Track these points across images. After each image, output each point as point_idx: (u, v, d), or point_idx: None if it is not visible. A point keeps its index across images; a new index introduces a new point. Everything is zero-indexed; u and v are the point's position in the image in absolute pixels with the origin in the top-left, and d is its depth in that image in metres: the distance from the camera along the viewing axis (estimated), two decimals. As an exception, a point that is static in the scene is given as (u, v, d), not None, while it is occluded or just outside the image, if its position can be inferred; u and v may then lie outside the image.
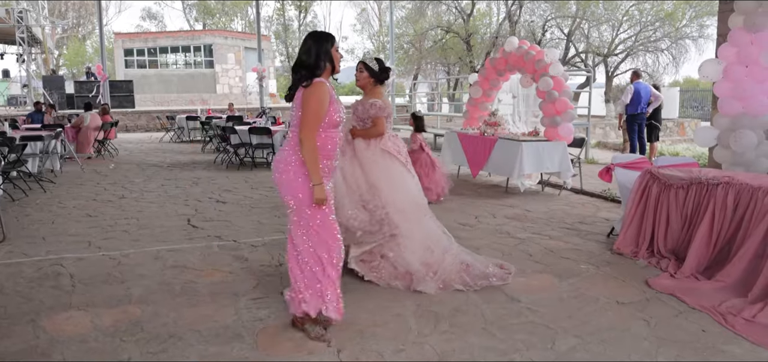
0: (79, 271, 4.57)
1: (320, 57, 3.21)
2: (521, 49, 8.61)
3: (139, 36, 31.81)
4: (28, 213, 6.79)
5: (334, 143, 3.27)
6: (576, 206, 7.08)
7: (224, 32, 32.60)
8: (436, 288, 4.00)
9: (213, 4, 43.49)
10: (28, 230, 5.96)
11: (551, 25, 26.59)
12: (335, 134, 3.28)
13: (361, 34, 41.79)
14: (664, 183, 4.72)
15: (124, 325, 3.50)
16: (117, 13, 61.50)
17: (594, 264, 4.64)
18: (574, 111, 8.01)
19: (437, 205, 7.05)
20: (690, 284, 4.11)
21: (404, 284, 4.08)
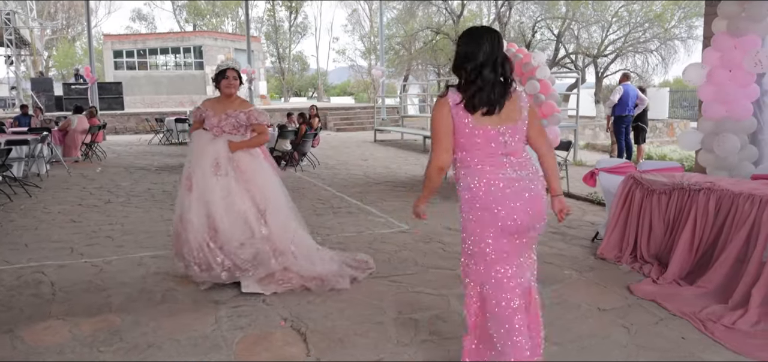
0: (60, 279, 4.53)
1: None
2: (508, 51, 8.62)
3: (128, 37, 31.64)
4: (12, 218, 6.72)
5: None
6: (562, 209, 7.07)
7: (214, 33, 32.48)
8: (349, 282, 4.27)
9: (203, 6, 43.34)
10: (10, 236, 5.90)
11: (541, 26, 26.71)
12: None
13: (352, 35, 41.73)
14: (647, 188, 4.74)
15: (103, 334, 3.48)
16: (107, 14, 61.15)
17: (577, 270, 4.65)
18: (561, 114, 8.01)
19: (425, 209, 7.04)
20: (672, 290, 4.13)
21: (317, 285, 4.18)
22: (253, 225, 4.15)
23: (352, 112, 24.29)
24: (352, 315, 3.74)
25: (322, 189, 8.74)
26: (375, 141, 17.49)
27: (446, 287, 4.24)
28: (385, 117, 21.90)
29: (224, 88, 4.32)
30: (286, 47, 46.23)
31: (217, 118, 4.31)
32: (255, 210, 4.20)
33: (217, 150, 4.26)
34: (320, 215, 6.83)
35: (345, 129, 22.23)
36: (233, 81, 4.33)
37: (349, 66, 48.50)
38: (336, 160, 12.54)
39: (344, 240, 5.66)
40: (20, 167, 9.37)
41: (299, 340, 3.38)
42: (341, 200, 7.79)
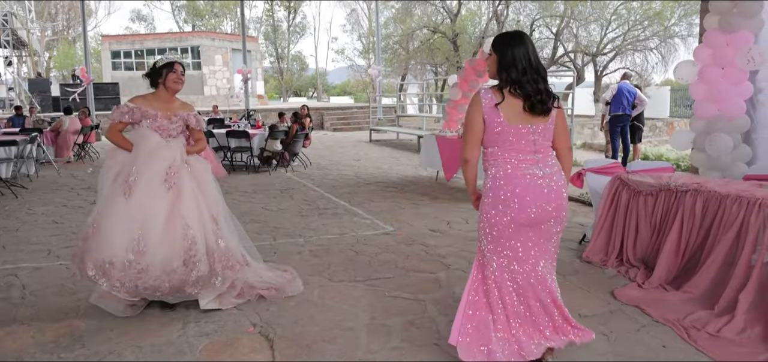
0: (33, 282, 4.43)
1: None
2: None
3: (126, 38, 31.57)
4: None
5: None
6: (553, 210, 6.96)
7: (211, 34, 32.37)
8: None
9: (202, 6, 43.27)
10: (-11, 239, 5.81)
11: (539, 24, 26.55)
12: None
13: (350, 35, 41.61)
14: (634, 189, 4.61)
15: (66, 340, 3.37)
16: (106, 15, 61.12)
17: (561, 274, 4.51)
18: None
19: (412, 210, 6.95)
20: (657, 295, 4.00)
21: (270, 295, 4.00)
22: (210, 241, 3.75)
23: (349, 111, 24.19)
24: (324, 320, 3.62)
25: (310, 189, 8.63)
26: (370, 141, 17.39)
27: (424, 292, 4.12)
28: (381, 116, 21.79)
29: (172, 84, 3.84)
30: (284, 47, 46.13)
31: (168, 120, 3.83)
32: (213, 225, 3.83)
33: (173, 156, 3.76)
34: (305, 216, 6.72)
35: (342, 129, 22.14)
36: (182, 76, 3.92)
37: (348, 66, 48.42)
38: (328, 160, 12.43)
39: (326, 242, 5.55)
40: (9, 168, 9.29)
41: (266, 347, 3.27)
42: (328, 201, 7.68)
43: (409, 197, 7.92)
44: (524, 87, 2.66)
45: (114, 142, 3.85)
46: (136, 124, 3.81)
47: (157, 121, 3.79)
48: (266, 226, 6.26)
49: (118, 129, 3.83)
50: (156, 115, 3.80)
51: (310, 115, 12.64)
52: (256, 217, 6.71)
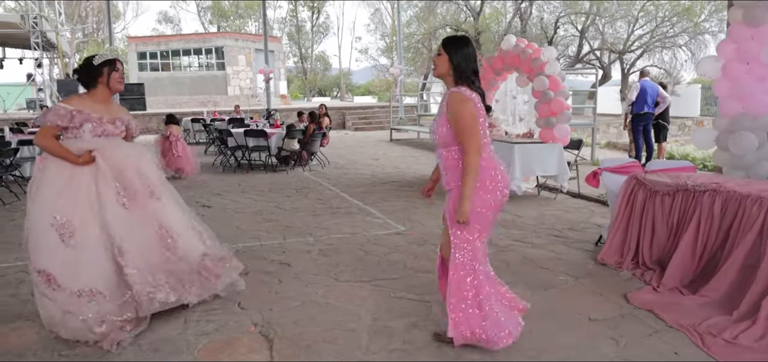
0: (42, 280, 4.46)
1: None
2: (518, 47, 8.35)
3: (152, 39, 32.07)
4: (14, 218, 6.74)
5: None
6: (570, 211, 6.81)
7: (235, 34, 32.68)
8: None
9: (227, 7, 43.73)
10: (6, 236, 5.90)
11: (564, 21, 26.14)
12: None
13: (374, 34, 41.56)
14: (650, 189, 4.45)
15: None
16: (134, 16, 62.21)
17: (573, 276, 4.39)
18: (570, 112, 7.72)
19: (425, 210, 6.86)
20: (672, 299, 3.85)
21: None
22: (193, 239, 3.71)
23: (370, 111, 24.15)
24: (325, 321, 3.57)
25: (326, 188, 8.59)
26: (391, 140, 17.32)
27: (430, 293, 4.03)
28: (403, 116, 21.70)
29: (116, 84, 3.50)
30: (308, 47, 46.35)
31: (112, 124, 3.52)
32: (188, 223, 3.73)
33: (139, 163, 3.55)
34: (317, 215, 6.68)
35: (363, 128, 22.11)
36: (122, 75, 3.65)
37: (372, 65, 48.47)
38: (347, 159, 12.40)
39: (336, 241, 5.50)
40: (32, 167, 9.45)
41: (265, 347, 3.23)
42: (343, 200, 7.63)
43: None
44: (477, 83, 2.97)
45: (47, 148, 3.35)
46: (76, 129, 3.40)
47: (101, 126, 3.45)
48: (278, 225, 6.24)
49: (53, 133, 3.37)
50: (100, 118, 3.46)
51: (328, 114, 12.63)
52: (269, 216, 6.70)
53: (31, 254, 3.30)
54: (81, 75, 3.55)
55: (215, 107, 23.18)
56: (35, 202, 3.35)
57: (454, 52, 2.94)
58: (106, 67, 3.48)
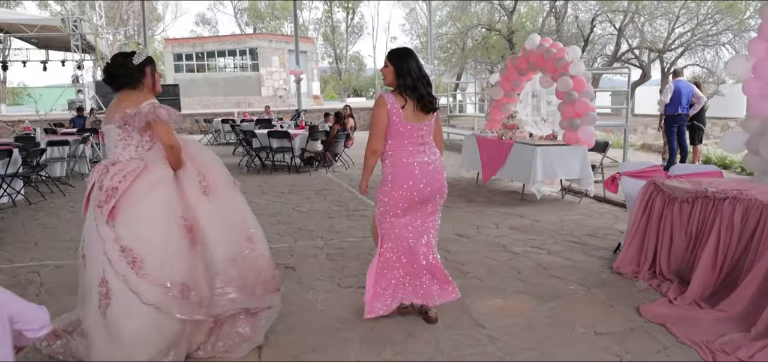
0: (51, 279, 4.55)
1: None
2: (542, 46, 8.12)
3: (187, 41, 32.74)
4: (37, 217, 6.90)
5: None
6: (593, 216, 6.56)
7: (269, 35, 33.07)
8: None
9: (263, 8, 44.29)
10: (27, 235, 6.03)
11: (601, 19, 25.47)
12: None
13: (409, 34, 41.42)
14: (669, 195, 4.22)
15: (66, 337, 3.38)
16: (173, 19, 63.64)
17: (585, 285, 4.20)
18: (595, 114, 7.45)
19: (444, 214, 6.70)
20: (688, 313, 3.63)
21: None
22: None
23: (402, 111, 24.01)
24: (321, 329, 3.49)
25: (346, 190, 8.54)
26: (420, 141, 17.14)
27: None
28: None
29: (158, 84, 3.27)
30: (343, 48, 46.54)
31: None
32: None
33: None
34: (332, 218, 6.62)
35: (394, 129, 22.00)
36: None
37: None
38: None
39: (346, 245, 5.42)
40: (63, 167, 9.70)
41: (254, 355, 3.16)
42: (360, 202, 7.56)
43: (443, 199, 7.68)
44: (418, 90, 3.31)
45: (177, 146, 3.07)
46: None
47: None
48: (291, 228, 6.20)
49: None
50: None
51: (353, 115, 12.58)
52: (284, 218, 6.67)
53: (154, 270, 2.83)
54: (123, 74, 3.11)
55: (248, 108, 23.48)
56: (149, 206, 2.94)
57: (397, 64, 3.33)
58: (148, 66, 3.19)
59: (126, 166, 2.98)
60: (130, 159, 3.02)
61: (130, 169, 2.96)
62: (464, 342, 3.27)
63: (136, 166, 2.98)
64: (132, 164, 2.99)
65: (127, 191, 2.90)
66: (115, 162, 3.02)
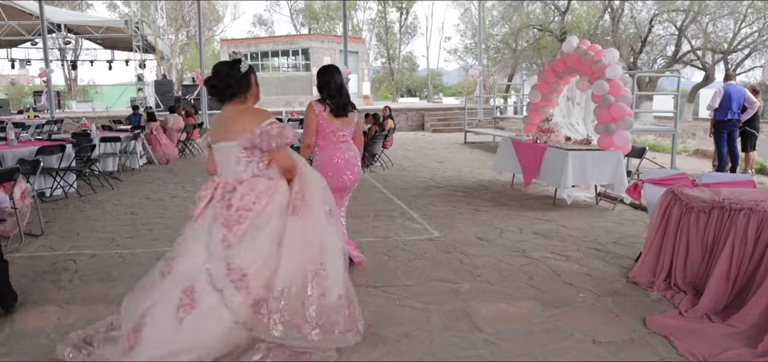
0: (85, 267, 4.84)
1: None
2: (579, 49, 7.96)
3: (243, 41, 33.68)
4: (84, 209, 7.33)
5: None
6: (624, 223, 6.40)
7: (321, 36, 33.58)
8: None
9: (318, 9, 45.01)
10: (70, 225, 6.41)
11: (662, 19, 24.52)
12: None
13: (464, 35, 41.10)
14: (686, 205, 4.10)
15: (81, 324, 3.61)
16: (232, 19, 65.55)
17: (596, 294, 4.13)
18: (632, 118, 7.24)
19: (469, 216, 6.70)
20: (697, 326, 3.52)
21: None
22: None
23: (450, 112, 23.92)
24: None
25: (377, 191, 8.63)
26: (465, 143, 17.07)
27: (437, 302, 3.95)
28: (481, 118, 21.33)
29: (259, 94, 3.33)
30: (396, 48, 46.68)
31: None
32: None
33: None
34: (358, 218, 6.72)
35: (441, 130, 21.95)
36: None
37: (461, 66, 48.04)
38: (411, 161, 12.37)
39: (365, 245, 5.50)
40: (115, 162, 10.23)
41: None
42: (389, 203, 7.63)
43: (473, 202, 7.66)
44: (334, 99, 4.18)
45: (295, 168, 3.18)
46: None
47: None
48: (316, 226, 6.34)
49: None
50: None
51: (392, 116, 12.65)
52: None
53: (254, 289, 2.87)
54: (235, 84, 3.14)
55: (299, 107, 23.94)
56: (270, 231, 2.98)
57: (321, 78, 4.23)
58: (253, 74, 3.21)
59: (255, 186, 3.00)
60: (254, 176, 3.05)
61: (261, 190, 2.99)
62: (458, 345, 3.30)
63: (266, 187, 3.01)
64: (260, 184, 3.01)
65: (258, 213, 2.94)
66: (240, 180, 3.04)
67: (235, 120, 3.05)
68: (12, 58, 25.30)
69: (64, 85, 34.09)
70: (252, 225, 2.92)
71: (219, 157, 3.15)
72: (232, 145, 3.03)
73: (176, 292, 2.86)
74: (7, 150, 7.42)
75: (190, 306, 2.82)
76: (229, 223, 2.90)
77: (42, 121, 15.01)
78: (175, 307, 2.83)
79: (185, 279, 2.88)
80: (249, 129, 2.99)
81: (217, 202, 3.02)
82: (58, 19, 22.94)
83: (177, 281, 2.91)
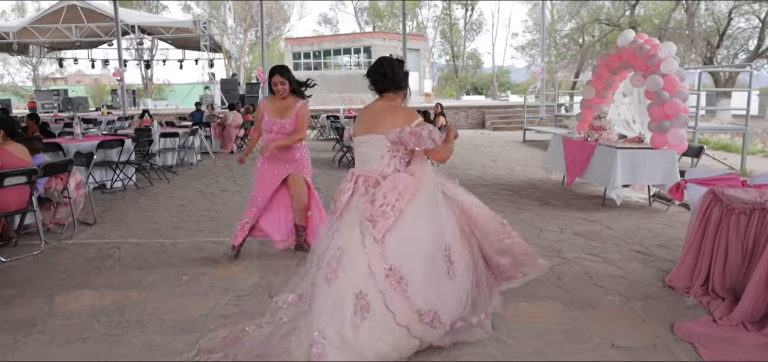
0: (128, 255, 5.09)
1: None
2: (635, 43, 7.62)
3: (306, 40, 34.37)
4: (138, 200, 7.71)
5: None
6: (674, 226, 6.06)
7: (382, 34, 33.75)
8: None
9: (382, 6, 45.24)
10: (123, 215, 6.76)
11: (743, 11, 22.99)
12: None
13: (531, 31, 40.15)
14: (727, 206, 3.84)
15: (113, 307, 3.83)
16: (299, 19, 66.96)
17: (626, 297, 3.94)
18: (687, 115, 6.85)
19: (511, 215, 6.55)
20: (728, 334, 3.29)
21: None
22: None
23: (511, 110, 23.45)
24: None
25: (422, 188, 8.57)
26: (524, 141, 16.69)
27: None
28: (543, 115, 20.78)
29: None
30: (460, 45, 46.24)
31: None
32: None
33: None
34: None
35: (501, 128, 21.55)
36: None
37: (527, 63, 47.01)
38: (464, 159, 12.23)
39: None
40: (174, 156, 10.71)
41: (265, 336, 3.36)
42: (431, 200, 7.57)
43: (518, 201, 7.49)
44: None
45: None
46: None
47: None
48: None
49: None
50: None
51: (444, 113, 12.54)
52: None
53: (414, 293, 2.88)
54: (399, 78, 3.25)
55: (360, 104, 24.17)
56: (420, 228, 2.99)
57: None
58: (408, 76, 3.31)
59: (398, 181, 2.99)
60: (396, 171, 3.06)
61: (405, 186, 2.97)
62: (467, 341, 3.23)
63: (411, 183, 3.00)
64: (404, 180, 3.00)
65: (403, 210, 2.93)
66: (384, 174, 3.05)
67: (385, 115, 3.11)
68: (92, 58, 26.96)
69: (140, 83, 35.98)
70: (398, 225, 2.91)
71: (364, 150, 3.18)
72: (379, 138, 3.06)
73: (349, 297, 2.84)
74: (72, 144, 7.90)
75: (365, 310, 2.82)
76: (372, 219, 2.92)
77: (113, 118, 15.90)
78: (351, 313, 2.81)
79: (355, 282, 2.87)
80: (399, 125, 3.02)
81: (359, 196, 3.05)
82: (132, 21, 24.28)
83: (345, 286, 2.87)
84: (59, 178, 5.80)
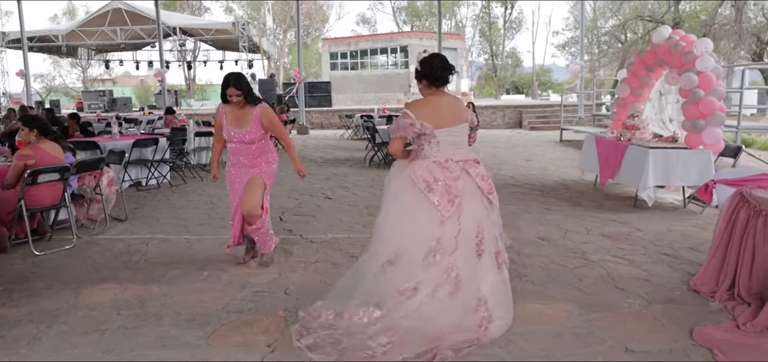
0: (154, 250, 5.23)
1: None
2: (671, 39, 7.38)
3: (343, 40, 34.57)
4: (170, 197, 7.91)
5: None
6: (708, 229, 5.82)
7: (419, 33, 33.68)
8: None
9: (420, 6, 45.13)
10: (154, 212, 6.94)
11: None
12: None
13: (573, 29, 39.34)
14: (754, 208, 3.68)
15: (134, 300, 3.94)
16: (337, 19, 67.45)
17: (647, 301, 3.82)
18: (724, 115, 6.59)
19: (538, 215, 6.45)
20: (751, 340, 3.15)
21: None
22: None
23: (549, 109, 23.05)
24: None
25: (450, 187, 8.51)
26: (560, 141, 16.38)
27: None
28: (582, 115, 20.36)
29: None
30: (499, 44, 45.71)
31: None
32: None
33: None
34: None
35: (539, 127, 21.22)
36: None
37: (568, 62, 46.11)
38: (499, 158, 12.09)
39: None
40: (208, 155, 10.93)
41: (278, 332, 3.40)
42: (457, 199, 7.51)
43: (547, 201, 7.36)
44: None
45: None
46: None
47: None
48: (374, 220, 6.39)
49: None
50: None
51: (476, 111, 12.39)
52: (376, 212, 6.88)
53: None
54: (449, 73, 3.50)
55: (397, 104, 24.19)
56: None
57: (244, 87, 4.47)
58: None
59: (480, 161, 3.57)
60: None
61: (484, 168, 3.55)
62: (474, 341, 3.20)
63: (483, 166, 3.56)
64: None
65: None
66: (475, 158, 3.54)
67: (456, 106, 3.53)
68: (136, 60, 27.82)
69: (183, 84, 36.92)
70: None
71: (452, 139, 3.43)
72: (464, 127, 3.50)
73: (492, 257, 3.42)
74: (109, 142, 8.16)
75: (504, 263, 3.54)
76: (488, 193, 3.44)
77: (154, 117, 16.35)
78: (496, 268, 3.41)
79: (492, 246, 3.41)
80: (467, 111, 3.54)
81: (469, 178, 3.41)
82: (173, 23, 24.97)
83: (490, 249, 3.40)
84: (92, 176, 6.00)
